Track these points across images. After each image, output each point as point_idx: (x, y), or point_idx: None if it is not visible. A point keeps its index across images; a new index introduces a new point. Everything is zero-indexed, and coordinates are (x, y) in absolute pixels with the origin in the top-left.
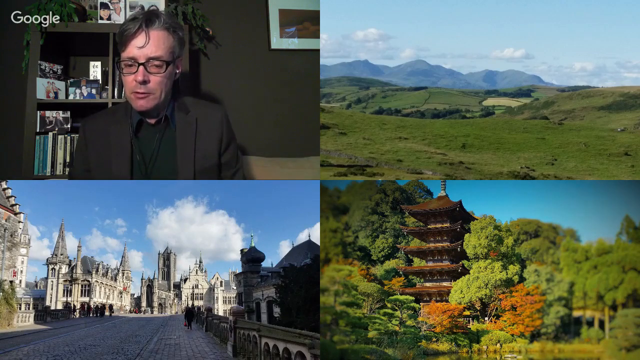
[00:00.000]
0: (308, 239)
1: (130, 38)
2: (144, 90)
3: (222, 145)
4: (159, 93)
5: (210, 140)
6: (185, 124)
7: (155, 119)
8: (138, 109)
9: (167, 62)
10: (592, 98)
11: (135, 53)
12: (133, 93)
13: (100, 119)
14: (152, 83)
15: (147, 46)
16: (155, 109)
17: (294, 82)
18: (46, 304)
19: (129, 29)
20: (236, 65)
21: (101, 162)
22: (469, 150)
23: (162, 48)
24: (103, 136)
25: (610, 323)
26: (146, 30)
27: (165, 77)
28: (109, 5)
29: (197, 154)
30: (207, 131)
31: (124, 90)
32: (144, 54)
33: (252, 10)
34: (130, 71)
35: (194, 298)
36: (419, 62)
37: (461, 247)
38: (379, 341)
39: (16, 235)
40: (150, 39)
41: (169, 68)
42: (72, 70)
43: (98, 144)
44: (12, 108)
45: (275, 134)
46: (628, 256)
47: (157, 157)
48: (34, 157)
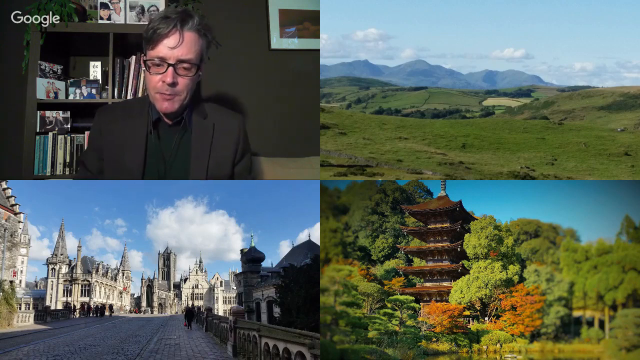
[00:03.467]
0: (308, 239)
1: (163, 37)
2: (171, 92)
3: (236, 155)
4: (184, 95)
5: (225, 148)
6: (202, 129)
7: (173, 120)
8: (162, 110)
9: (197, 66)
10: (592, 98)
11: (166, 53)
12: (159, 93)
13: (116, 110)
14: (180, 85)
15: (178, 47)
16: (178, 111)
17: (294, 82)
18: (46, 304)
19: (162, 27)
20: (236, 65)
21: (114, 154)
22: (469, 150)
23: (193, 51)
24: (118, 128)
25: (610, 323)
26: (180, 30)
27: (192, 80)
28: (109, 5)
29: (211, 161)
30: (224, 139)
31: (147, 88)
32: (175, 55)
33: (252, 10)
34: (158, 71)
35: (194, 298)
36: (419, 62)
37: (461, 247)
38: (379, 341)
39: (16, 235)
40: (183, 40)
41: (197, 71)
42: (72, 70)
43: (113, 135)
44: (12, 108)
45: (275, 134)
46: (628, 256)
47: (175, 157)
48: (34, 157)
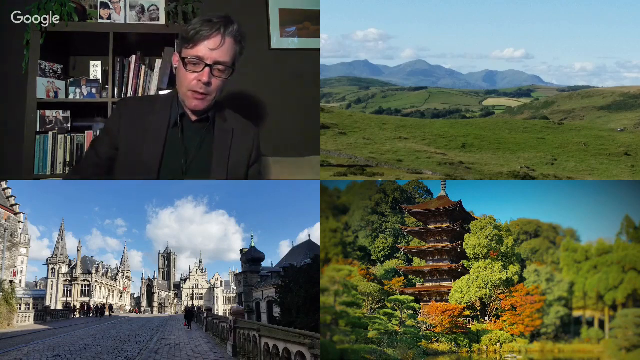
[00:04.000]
0: (308, 239)
1: (204, 39)
2: (205, 92)
3: (249, 161)
4: (214, 96)
5: (241, 153)
6: (223, 132)
7: (198, 117)
8: (192, 107)
9: (231, 69)
10: (592, 98)
11: (205, 54)
12: (191, 91)
13: (141, 102)
14: (213, 86)
15: (218, 50)
16: (205, 109)
17: (294, 82)
18: (46, 304)
19: (205, 30)
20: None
21: (133, 144)
22: (469, 150)
23: (229, 55)
24: (140, 119)
25: (610, 323)
26: (223, 34)
27: (224, 82)
28: (109, 5)
29: (230, 162)
30: (241, 146)
31: (179, 85)
32: (214, 56)
33: (252, 10)
34: (195, 69)
35: (194, 298)
36: (419, 62)
37: (461, 247)
38: (379, 341)
39: (16, 235)
40: (224, 44)
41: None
42: (72, 69)
43: (134, 127)
44: (12, 108)
45: (275, 134)
46: (628, 256)
47: (197, 155)
48: (34, 157)
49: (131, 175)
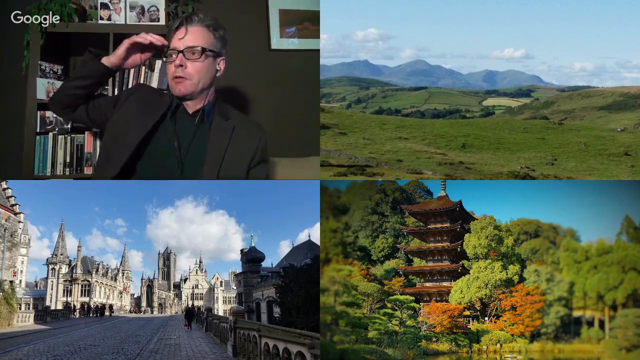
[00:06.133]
0: (308, 239)
1: (173, 33)
2: (181, 74)
3: (251, 163)
4: (196, 80)
5: (241, 154)
6: (222, 129)
7: (193, 109)
8: (176, 93)
9: (204, 50)
10: (592, 98)
11: (176, 44)
12: (173, 79)
13: (145, 90)
14: (189, 69)
15: (186, 37)
16: (192, 95)
17: (294, 82)
18: (46, 304)
19: (173, 25)
20: (236, 65)
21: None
22: (469, 150)
23: (201, 41)
24: (142, 105)
25: (610, 323)
26: (186, 25)
27: (204, 66)
28: (109, 5)
29: (225, 161)
30: (241, 145)
31: (168, 80)
32: (183, 43)
33: (252, 10)
34: (171, 60)
35: (194, 298)
36: (419, 62)
37: (461, 247)
38: (379, 341)
39: (16, 235)
40: (188, 32)
41: (208, 59)
42: (72, 70)
43: (132, 109)
44: (12, 108)
45: (275, 134)
46: (628, 256)
47: (190, 148)
48: (34, 157)
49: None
